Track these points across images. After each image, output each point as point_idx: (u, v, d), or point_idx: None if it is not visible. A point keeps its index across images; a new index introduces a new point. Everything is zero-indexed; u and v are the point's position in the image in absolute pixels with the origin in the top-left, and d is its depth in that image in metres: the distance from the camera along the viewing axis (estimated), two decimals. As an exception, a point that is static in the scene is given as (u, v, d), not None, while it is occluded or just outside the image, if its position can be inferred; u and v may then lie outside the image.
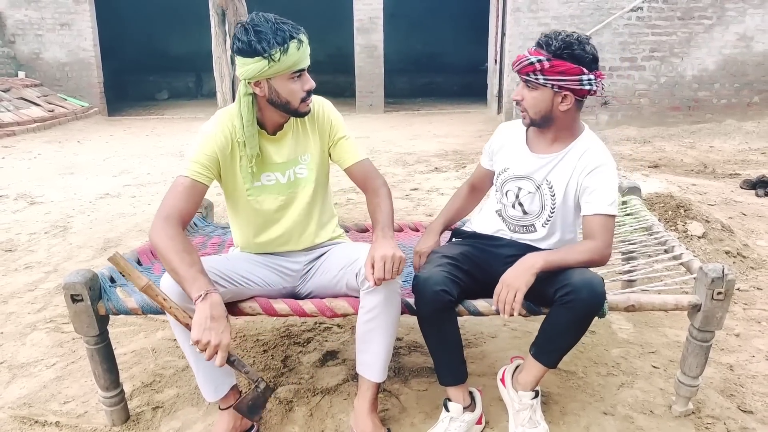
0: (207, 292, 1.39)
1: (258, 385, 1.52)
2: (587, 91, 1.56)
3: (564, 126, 1.64)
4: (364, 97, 10.14)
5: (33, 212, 4.18)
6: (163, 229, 1.47)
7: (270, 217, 1.70)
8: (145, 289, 1.42)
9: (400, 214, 3.92)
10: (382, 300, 1.54)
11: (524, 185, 1.70)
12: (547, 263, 1.52)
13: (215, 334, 1.36)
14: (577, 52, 1.52)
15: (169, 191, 1.55)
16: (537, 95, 1.59)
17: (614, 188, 1.61)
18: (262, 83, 1.53)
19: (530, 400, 1.65)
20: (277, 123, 1.65)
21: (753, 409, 1.80)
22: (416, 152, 6.40)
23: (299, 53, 1.50)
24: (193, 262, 1.43)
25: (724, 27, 7.59)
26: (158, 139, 7.72)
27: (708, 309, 1.60)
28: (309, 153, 1.70)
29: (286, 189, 1.69)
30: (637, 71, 7.77)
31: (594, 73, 1.55)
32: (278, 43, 1.45)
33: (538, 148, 1.70)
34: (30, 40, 9.70)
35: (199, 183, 1.56)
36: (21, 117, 8.02)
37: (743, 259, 2.85)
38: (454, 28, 13.08)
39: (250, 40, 1.46)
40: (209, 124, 1.62)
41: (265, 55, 1.46)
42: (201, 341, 1.35)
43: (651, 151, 6.42)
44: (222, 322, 1.38)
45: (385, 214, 1.65)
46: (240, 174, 1.64)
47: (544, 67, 1.53)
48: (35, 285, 2.86)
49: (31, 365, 2.13)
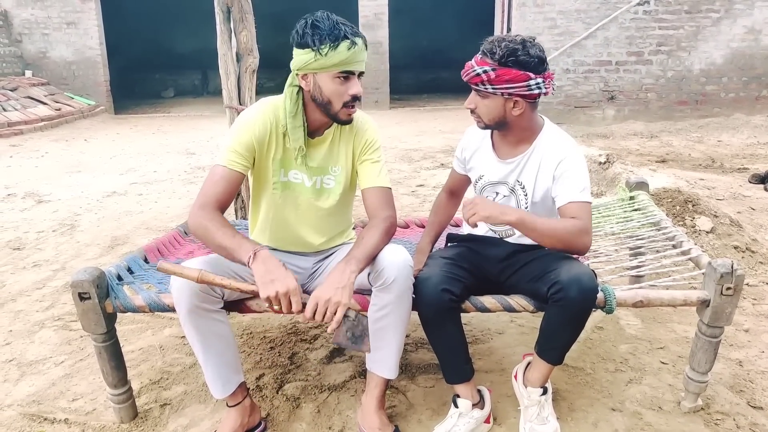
0: (254, 251, 1.41)
1: (346, 315, 1.41)
2: (537, 94, 1.54)
3: (522, 128, 1.63)
4: (369, 93, 10.13)
5: (41, 210, 4.21)
6: (199, 216, 1.51)
7: (289, 215, 1.70)
8: (201, 279, 1.43)
9: (406, 210, 3.92)
10: (395, 298, 1.53)
11: (500, 190, 1.71)
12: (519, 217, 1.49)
13: (281, 284, 1.37)
14: (522, 57, 1.49)
15: (206, 180, 1.57)
16: (488, 103, 1.58)
17: (582, 176, 1.58)
18: (309, 77, 1.53)
19: (538, 397, 1.64)
20: (319, 124, 1.63)
21: (763, 405, 1.78)
22: (422, 148, 6.39)
23: (349, 54, 1.48)
24: (234, 233, 1.46)
25: (731, 20, 7.51)
26: (165, 136, 7.74)
27: (717, 304, 1.58)
28: (340, 165, 1.69)
29: (310, 193, 1.68)
30: (644, 65, 7.70)
31: (542, 75, 1.52)
32: (331, 39, 1.45)
33: (503, 152, 1.69)
34: (36, 39, 9.75)
35: (236, 172, 1.57)
36: (28, 116, 8.07)
37: (752, 254, 2.83)
38: (459, 24, 13.01)
39: (305, 32, 1.47)
40: (249, 112, 1.62)
41: (314, 48, 1.46)
42: (271, 296, 1.36)
43: (658, 146, 6.38)
44: (281, 270, 1.39)
45: (367, 245, 1.52)
46: (271, 166, 1.64)
47: (491, 77, 1.52)
48: (43, 283, 2.88)
49: (40, 363, 2.14)
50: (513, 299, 1.62)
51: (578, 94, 7.86)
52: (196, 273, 1.42)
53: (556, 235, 1.50)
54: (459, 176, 1.88)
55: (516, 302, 1.62)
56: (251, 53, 2.62)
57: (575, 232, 1.50)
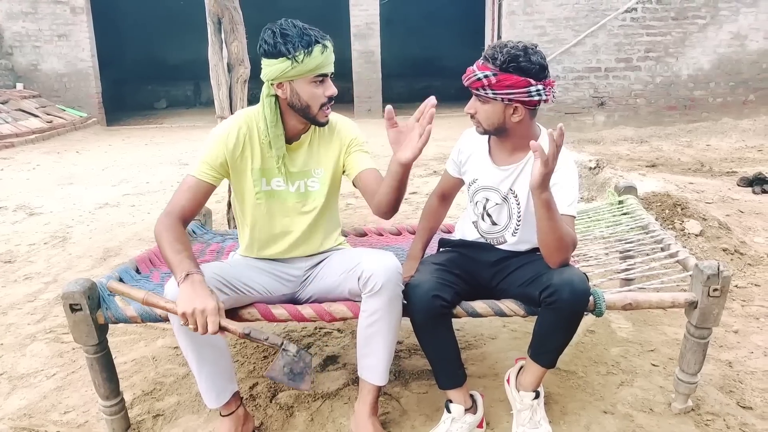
0: (188, 273, 1.42)
1: (285, 349, 1.36)
2: (537, 101, 1.56)
3: (520, 135, 1.63)
4: (362, 102, 10.19)
5: (32, 223, 4.19)
6: (162, 222, 1.54)
7: (276, 224, 1.71)
8: (146, 301, 1.45)
9: (399, 218, 3.93)
10: (385, 303, 1.54)
11: (491, 196, 1.71)
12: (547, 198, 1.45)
13: (200, 301, 1.36)
14: (523, 64, 1.51)
15: (178, 189, 1.61)
16: (488, 108, 1.59)
17: (573, 190, 1.60)
18: (285, 85, 1.55)
19: (531, 401, 1.65)
20: (297, 130, 1.66)
21: (752, 405, 1.80)
22: (414, 156, 6.41)
23: (323, 57, 1.52)
24: (181, 250, 1.48)
25: (717, 26, 7.63)
26: (157, 148, 7.73)
27: (704, 306, 1.60)
28: (323, 167, 1.71)
29: (294, 198, 1.69)
30: (633, 72, 7.80)
31: (543, 82, 1.54)
32: (303, 45, 1.48)
33: (499, 159, 1.70)
34: (28, 52, 9.73)
35: (205, 182, 1.60)
36: (19, 128, 8.04)
37: (741, 256, 2.86)
38: (450, 32, 13.12)
39: (276, 42, 1.49)
40: (223, 126, 1.65)
41: (289, 56, 1.48)
42: (187, 312, 1.35)
43: (648, 151, 6.44)
44: (205, 291, 1.40)
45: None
46: (251, 176, 1.65)
47: (492, 83, 1.53)
48: (35, 296, 2.87)
49: (31, 376, 2.13)
50: (504, 304, 1.64)
51: (568, 100, 7.94)
52: (142, 294, 1.46)
53: (561, 233, 1.50)
54: (452, 179, 1.88)
55: (507, 307, 1.63)
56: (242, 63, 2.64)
57: (571, 242, 1.54)
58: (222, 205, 1.60)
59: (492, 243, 1.75)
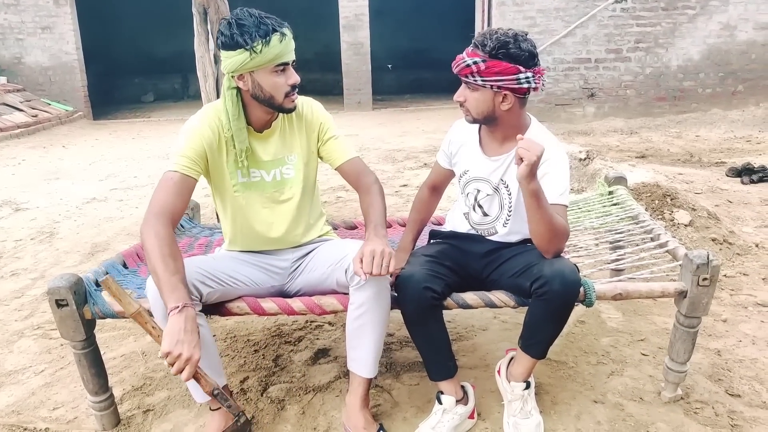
0: (184, 304, 1.36)
1: (239, 419, 1.54)
2: (526, 89, 1.55)
3: (509, 124, 1.63)
4: (352, 94, 10.12)
5: (18, 219, 4.13)
6: (153, 226, 1.44)
7: (257, 215, 1.69)
8: (135, 316, 1.41)
9: (390, 210, 3.90)
10: (372, 296, 1.54)
11: (482, 187, 1.71)
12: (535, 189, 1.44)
13: (187, 348, 1.32)
14: (512, 50, 1.49)
15: (159, 187, 1.53)
16: (478, 96, 1.57)
17: (563, 178, 1.59)
18: (246, 77, 1.52)
19: (521, 391, 1.66)
20: (264, 120, 1.64)
21: (740, 393, 1.82)
22: (405, 149, 6.40)
23: (282, 46, 1.49)
24: (176, 270, 1.40)
25: (707, 17, 7.65)
26: (144, 141, 7.65)
27: (694, 295, 1.61)
28: (296, 153, 1.69)
29: (272, 188, 1.68)
30: (623, 62, 7.81)
31: (532, 70, 1.52)
32: (260, 35, 1.46)
33: (490, 149, 1.70)
34: (11, 45, 9.56)
35: (189, 177, 1.54)
36: (4, 123, 7.91)
37: (729, 245, 2.88)
38: (440, 24, 13.06)
39: (233, 33, 1.46)
40: (195, 119, 1.61)
41: (247, 47, 1.46)
42: (172, 353, 1.31)
43: (638, 142, 6.47)
44: (195, 337, 1.35)
45: (377, 212, 1.63)
46: (227, 169, 1.63)
47: (480, 69, 1.52)
48: (22, 292, 2.83)
49: (19, 372, 2.10)
50: (494, 295, 1.64)
51: (558, 91, 7.94)
52: (134, 308, 1.41)
53: (552, 223, 1.49)
54: (443, 170, 1.87)
55: (497, 298, 1.63)
56: (229, 55, 2.60)
57: (563, 232, 1.54)
58: (210, 199, 1.58)
59: (483, 234, 1.75)
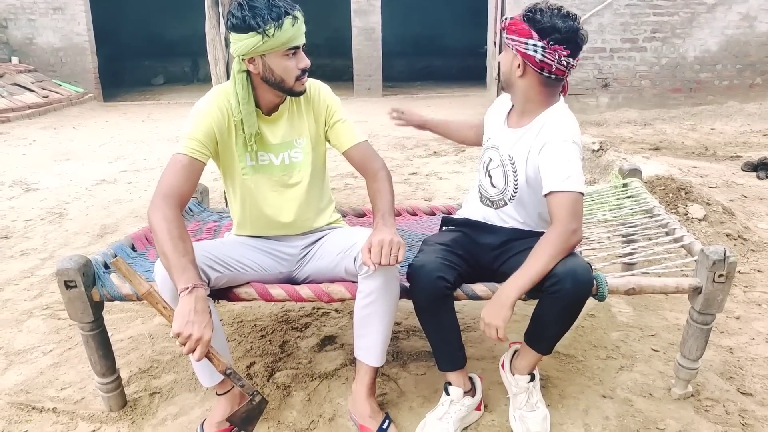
0: (194, 285, 1.35)
1: (253, 398, 1.50)
2: (536, 60, 1.49)
3: (526, 98, 1.60)
4: (362, 80, 10.04)
5: (28, 199, 4.15)
6: (161, 209, 1.44)
7: (265, 199, 1.68)
8: (146, 296, 1.40)
9: (399, 198, 3.89)
10: (380, 284, 1.52)
11: (494, 156, 1.70)
12: (521, 290, 1.43)
13: (198, 328, 1.31)
14: (536, 16, 1.49)
15: (167, 169, 1.52)
16: (504, 55, 1.61)
17: (568, 162, 1.48)
18: (257, 60, 1.50)
19: (526, 384, 1.64)
20: (273, 103, 1.62)
21: (752, 392, 1.79)
22: (415, 136, 6.34)
23: (294, 29, 1.47)
24: (186, 252, 1.40)
25: (726, 7, 7.48)
26: (154, 124, 7.65)
27: (709, 292, 1.58)
28: (304, 137, 1.67)
29: (280, 171, 1.66)
30: (638, 52, 7.67)
31: (545, 41, 1.47)
32: (273, 18, 1.43)
33: (511, 121, 1.70)
34: (23, 25, 9.57)
35: (197, 161, 1.53)
36: (15, 103, 7.94)
37: (744, 241, 2.83)
38: (452, 11, 12.90)
39: (245, 16, 1.44)
40: (204, 101, 1.59)
41: (259, 30, 1.43)
42: (183, 334, 1.30)
43: (652, 134, 6.38)
44: (206, 317, 1.34)
45: (385, 200, 1.61)
46: (236, 152, 1.61)
47: (506, 25, 1.56)
48: (31, 272, 2.84)
49: (28, 352, 2.12)
50: (505, 287, 1.61)
51: (572, 81, 7.80)
52: (144, 288, 1.39)
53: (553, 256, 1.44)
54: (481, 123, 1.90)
55: (508, 290, 1.60)
56: (240, 38, 2.57)
57: (561, 242, 1.44)
58: (219, 183, 1.57)
59: (494, 207, 1.71)
